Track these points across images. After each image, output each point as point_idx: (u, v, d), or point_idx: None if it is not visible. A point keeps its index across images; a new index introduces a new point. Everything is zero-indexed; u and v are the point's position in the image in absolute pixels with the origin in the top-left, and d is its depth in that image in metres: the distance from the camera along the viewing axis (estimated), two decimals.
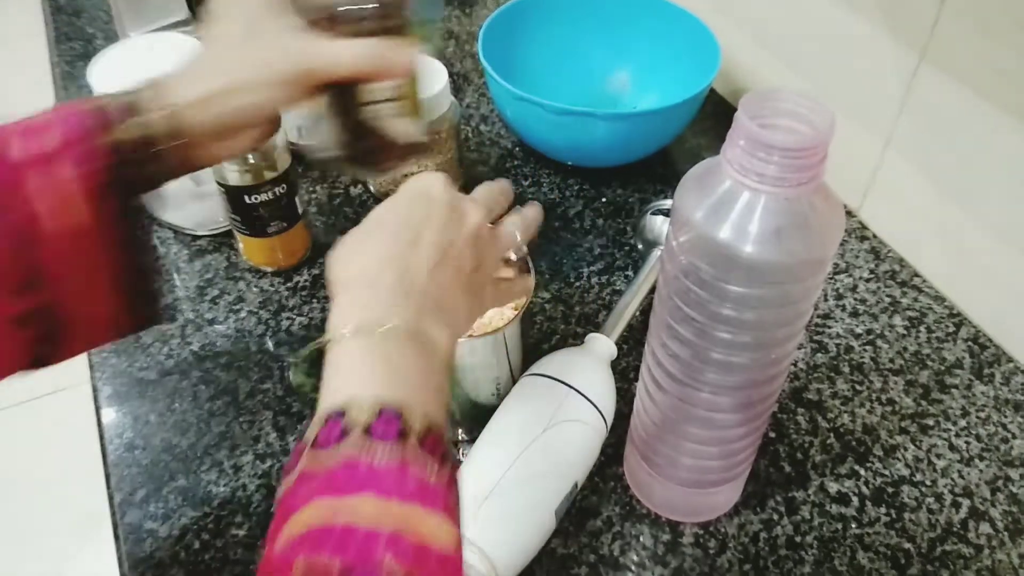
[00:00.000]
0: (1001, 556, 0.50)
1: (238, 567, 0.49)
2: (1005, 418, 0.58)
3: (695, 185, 0.38)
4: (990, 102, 0.57)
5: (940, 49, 0.60)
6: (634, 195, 0.74)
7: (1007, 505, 0.53)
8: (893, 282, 0.67)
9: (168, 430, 0.56)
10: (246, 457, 0.54)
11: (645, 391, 0.47)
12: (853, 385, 0.59)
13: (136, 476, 0.53)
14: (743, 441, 0.46)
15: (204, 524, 0.51)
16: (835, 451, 0.55)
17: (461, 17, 0.97)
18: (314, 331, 0.62)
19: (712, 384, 0.42)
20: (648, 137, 0.73)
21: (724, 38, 0.74)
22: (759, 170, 0.34)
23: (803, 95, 0.35)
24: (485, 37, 0.74)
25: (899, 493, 0.53)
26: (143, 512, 0.51)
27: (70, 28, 0.95)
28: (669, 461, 0.48)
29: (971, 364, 0.61)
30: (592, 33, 0.82)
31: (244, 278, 0.66)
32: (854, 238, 0.71)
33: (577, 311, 0.64)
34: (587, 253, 0.69)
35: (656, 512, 0.52)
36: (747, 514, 0.52)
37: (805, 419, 0.57)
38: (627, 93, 0.83)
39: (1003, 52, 0.55)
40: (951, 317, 0.64)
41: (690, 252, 0.38)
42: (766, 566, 0.49)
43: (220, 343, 0.61)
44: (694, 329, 0.40)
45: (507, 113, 0.74)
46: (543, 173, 0.77)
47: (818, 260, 0.37)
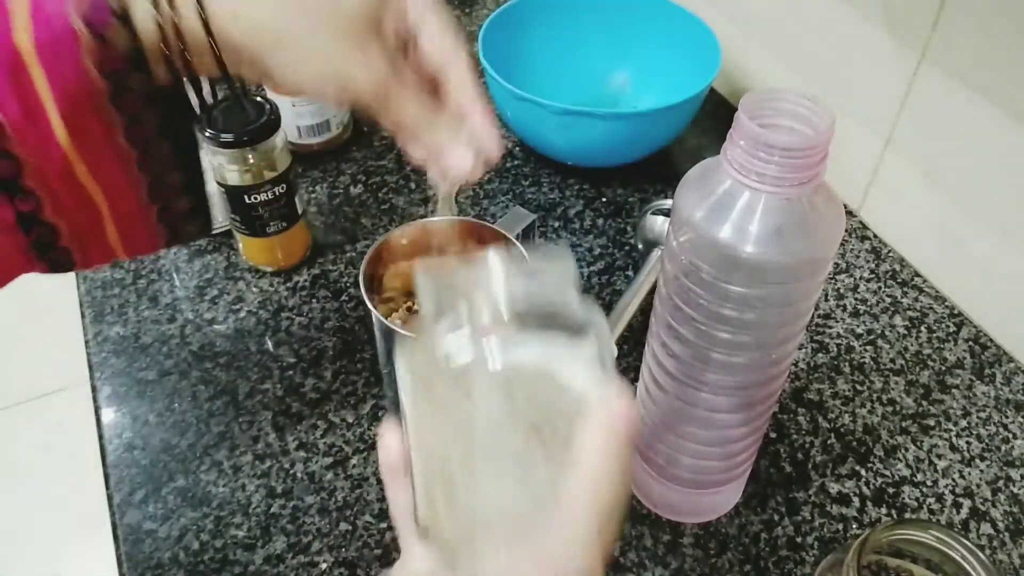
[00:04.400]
0: (1002, 556, 0.50)
1: (237, 567, 0.49)
2: (1006, 418, 0.58)
3: (695, 185, 0.38)
4: (990, 101, 0.57)
5: (940, 49, 0.60)
6: (634, 195, 0.74)
7: (1008, 505, 0.53)
8: (894, 282, 0.67)
9: (167, 430, 0.56)
10: (245, 457, 0.54)
11: (645, 391, 0.47)
12: (854, 385, 0.59)
13: (135, 476, 0.53)
14: (744, 441, 0.46)
15: (203, 524, 0.51)
16: (836, 451, 0.55)
17: (461, 17, 0.97)
18: (314, 331, 0.62)
19: (712, 384, 0.42)
20: (648, 137, 0.73)
21: (724, 38, 0.74)
22: (759, 170, 0.34)
23: (803, 95, 0.35)
24: (485, 37, 0.74)
25: (900, 493, 0.53)
26: (142, 512, 0.51)
27: None
28: (669, 461, 0.48)
29: (972, 364, 0.61)
30: (592, 33, 0.82)
31: (244, 278, 0.66)
32: (855, 238, 0.71)
33: None
34: (587, 253, 0.69)
35: (656, 512, 0.52)
36: (748, 514, 0.52)
37: (806, 419, 0.57)
38: (627, 93, 0.83)
39: (1003, 52, 0.55)
40: (952, 317, 0.64)
41: (690, 252, 0.37)
42: (767, 567, 0.49)
43: (219, 343, 0.61)
44: (694, 329, 0.40)
45: (507, 113, 0.74)
46: (543, 173, 0.77)
47: (819, 260, 0.37)
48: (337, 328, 0.62)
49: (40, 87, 0.33)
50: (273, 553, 0.49)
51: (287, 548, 0.50)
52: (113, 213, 0.37)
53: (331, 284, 0.66)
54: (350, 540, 0.50)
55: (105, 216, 0.37)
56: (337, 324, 0.62)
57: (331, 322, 0.63)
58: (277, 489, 0.52)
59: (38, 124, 0.33)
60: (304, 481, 0.53)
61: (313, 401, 0.57)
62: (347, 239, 0.69)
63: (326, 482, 0.53)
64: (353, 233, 0.70)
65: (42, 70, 0.33)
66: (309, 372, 0.59)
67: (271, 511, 0.51)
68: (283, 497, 0.52)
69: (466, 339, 0.30)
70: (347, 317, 0.63)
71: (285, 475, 0.53)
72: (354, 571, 0.49)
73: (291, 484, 0.53)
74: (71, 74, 0.33)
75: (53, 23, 0.33)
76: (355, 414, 0.56)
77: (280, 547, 0.50)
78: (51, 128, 0.33)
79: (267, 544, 0.50)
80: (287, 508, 0.51)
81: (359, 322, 0.63)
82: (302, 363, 0.60)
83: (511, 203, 0.73)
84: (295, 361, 0.60)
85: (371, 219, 0.71)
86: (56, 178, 0.35)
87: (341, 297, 0.65)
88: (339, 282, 0.66)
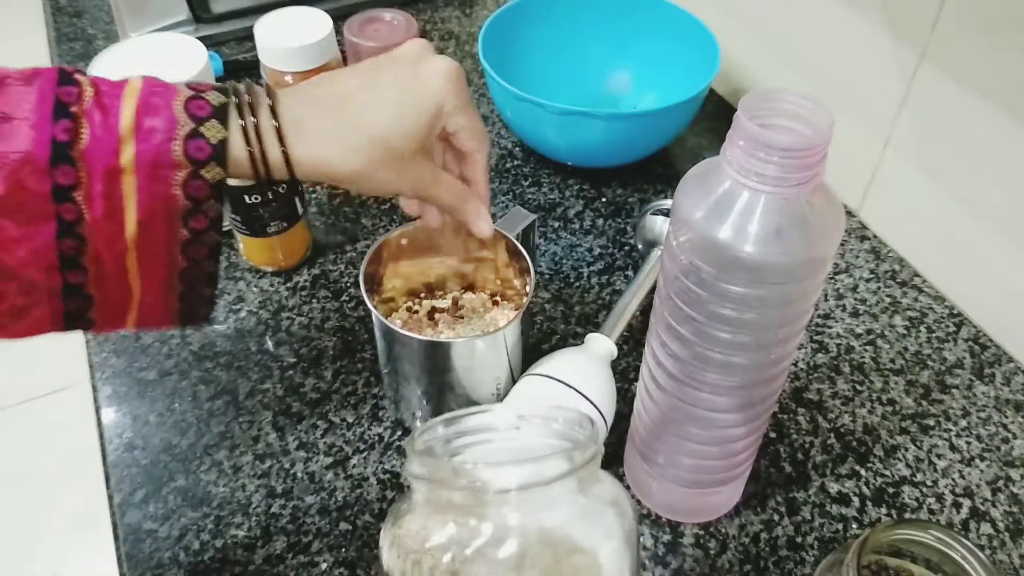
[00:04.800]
0: (1002, 556, 0.50)
1: (237, 567, 0.49)
2: (1006, 418, 0.58)
3: (695, 185, 0.38)
4: (990, 101, 0.57)
5: (940, 48, 0.60)
6: (634, 195, 0.74)
7: (1008, 505, 0.53)
8: (893, 282, 0.67)
9: (168, 430, 0.56)
10: (246, 457, 0.54)
11: (645, 391, 0.47)
12: (854, 385, 0.59)
13: (135, 476, 0.53)
14: (743, 441, 0.46)
15: (203, 524, 0.51)
16: (836, 451, 0.55)
17: (461, 17, 0.97)
18: (314, 331, 0.62)
19: (712, 384, 0.42)
20: (648, 137, 0.73)
21: (724, 38, 0.74)
22: (759, 170, 0.34)
23: (803, 95, 0.35)
24: (485, 37, 0.74)
25: (900, 493, 0.53)
26: (142, 512, 0.51)
27: (71, 28, 0.95)
28: (669, 461, 0.48)
29: (972, 364, 0.61)
30: (592, 33, 0.82)
31: (244, 278, 0.66)
32: (854, 238, 0.71)
33: (577, 311, 0.64)
34: (587, 253, 0.69)
35: (656, 512, 0.52)
36: (748, 514, 0.52)
37: (806, 419, 0.57)
38: (627, 93, 0.83)
39: (1003, 52, 0.55)
40: (951, 317, 0.64)
41: (690, 252, 0.38)
42: (767, 566, 0.49)
43: (220, 343, 0.61)
44: (694, 329, 0.40)
45: (507, 113, 0.74)
46: (543, 173, 0.77)
47: (818, 260, 0.37)
48: (337, 328, 0.62)
49: (127, 194, 0.36)
50: (273, 553, 0.49)
51: (287, 548, 0.50)
52: (142, 301, 0.40)
53: (331, 284, 0.66)
54: (350, 540, 0.50)
55: (134, 300, 0.39)
56: (337, 324, 0.62)
57: (331, 322, 0.63)
58: (277, 489, 0.52)
59: (115, 221, 0.36)
60: (304, 481, 0.53)
61: (313, 401, 0.57)
62: (347, 239, 0.69)
63: (326, 482, 0.53)
64: (353, 233, 0.70)
65: (135, 182, 0.36)
66: (309, 372, 0.59)
67: (271, 511, 0.51)
68: (283, 497, 0.52)
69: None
70: (347, 317, 0.63)
71: (285, 475, 0.53)
72: (354, 571, 0.49)
73: (291, 484, 0.53)
74: (160, 194, 0.37)
75: (156, 143, 0.36)
76: (355, 414, 0.57)
77: (280, 547, 0.50)
78: (124, 226, 0.36)
79: (267, 544, 0.50)
80: (287, 508, 0.52)
81: (359, 322, 0.63)
82: (302, 363, 0.60)
83: (511, 203, 0.73)
84: (295, 361, 0.60)
85: (371, 219, 0.71)
86: (109, 261, 0.37)
87: (341, 297, 0.65)
88: (339, 282, 0.66)
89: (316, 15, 0.74)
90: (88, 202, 0.35)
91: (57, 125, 0.34)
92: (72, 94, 0.35)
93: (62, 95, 0.35)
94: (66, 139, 0.34)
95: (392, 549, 0.34)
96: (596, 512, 0.34)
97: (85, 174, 0.35)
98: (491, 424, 0.38)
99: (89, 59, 0.64)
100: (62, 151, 0.34)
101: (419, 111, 0.42)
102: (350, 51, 0.84)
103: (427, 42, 0.45)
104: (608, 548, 0.34)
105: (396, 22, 0.85)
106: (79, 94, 0.36)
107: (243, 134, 0.38)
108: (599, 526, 0.34)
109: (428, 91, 0.42)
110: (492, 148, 0.80)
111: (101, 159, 0.35)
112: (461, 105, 0.44)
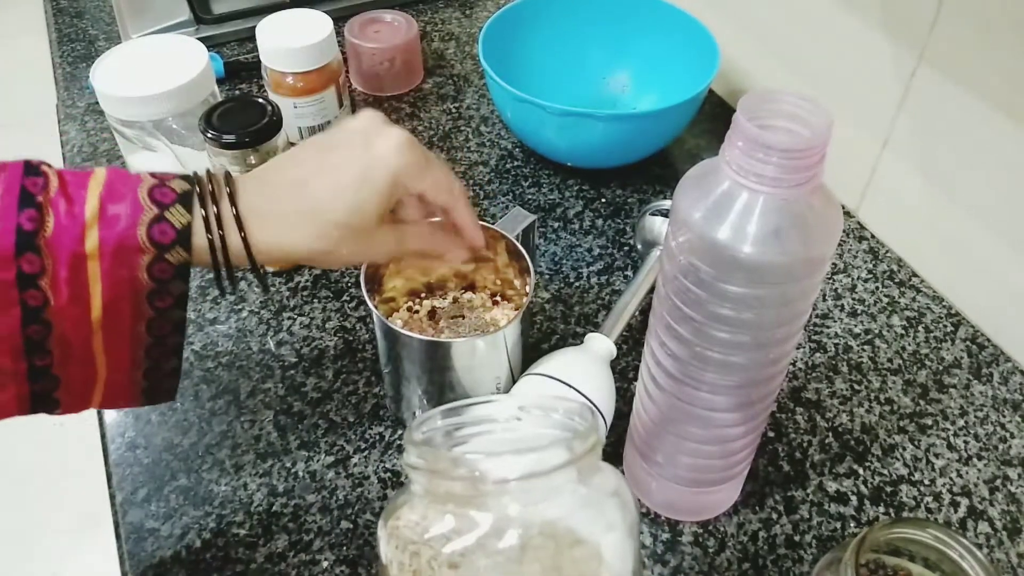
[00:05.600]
0: (999, 555, 0.50)
1: (239, 566, 0.49)
2: (1003, 418, 0.58)
3: (694, 185, 0.38)
4: (989, 102, 0.58)
5: (939, 50, 0.60)
6: (633, 195, 0.75)
7: (1005, 504, 0.53)
8: (891, 282, 0.68)
9: (169, 429, 0.56)
10: (247, 456, 0.54)
11: (644, 390, 0.47)
12: (852, 385, 0.60)
13: (137, 475, 0.53)
14: (742, 440, 0.46)
15: (205, 523, 0.51)
16: (834, 450, 0.56)
17: (461, 18, 0.97)
18: (315, 331, 0.62)
19: (711, 383, 0.42)
20: (648, 138, 0.73)
21: (723, 39, 0.74)
22: (757, 171, 0.34)
23: (801, 96, 0.35)
24: (485, 38, 0.74)
25: (897, 492, 0.53)
26: (144, 511, 0.51)
27: (72, 29, 0.95)
28: (668, 460, 0.48)
29: (969, 364, 0.61)
30: (592, 34, 0.82)
31: (245, 278, 0.66)
32: (852, 238, 0.71)
33: (577, 311, 0.64)
34: (587, 253, 0.69)
35: (655, 511, 0.52)
36: (746, 513, 0.52)
37: (804, 418, 0.57)
38: (627, 93, 0.84)
39: (1002, 52, 0.55)
40: (949, 317, 0.65)
41: (689, 252, 0.38)
42: (765, 565, 0.50)
43: (221, 343, 0.61)
44: (693, 329, 0.40)
45: (507, 114, 0.74)
46: (543, 174, 0.77)
47: (816, 260, 0.37)
48: (338, 328, 0.62)
49: (93, 279, 0.37)
50: (275, 551, 0.50)
51: (288, 546, 0.50)
52: (108, 379, 0.40)
53: (332, 284, 0.66)
54: (351, 538, 0.50)
55: (100, 380, 0.40)
56: (338, 324, 0.63)
57: (332, 322, 0.63)
58: (279, 488, 0.53)
59: (81, 306, 0.37)
60: (305, 480, 0.53)
61: (314, 400, 0.58)
62: None
63: (327, 481, 0.53)
64: None
65: (100, 267, 0.37)
66: (310, 372, 0.59)
67: (273, 510, 0.52)
68: (284, 496, 0.52)
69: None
70: (348, 317, 0.63)
71: (287, 474, 0.53)
72: (355, 569, 0.49)
73: (292, 483, 0.53)
74: (125, 277, 0.37)
75: (120, 229, 0.37)
76: (356, 413, 0.57)
77: (281, 545, 0.50)
78: (90, 310, 0.37)
79: (268, 542, 0.50)
80: (288, 507, 0.52)
81: (360, 322, 0.63)
82: (303, 363, 0.60)
83: (511, 203, 0.74)
84: (296, 361, 0.60)
85: None
86: (76, 344, 0.38)
87: (342, 297, 0.65)
88: (340, 282, 0.66)
89: (317, 16, 0.74)
90: (53, 288, 0.36)
91: (23, 214, 0.35)
92: (38, 184, 0.36)
93: (28, 185, 0.36)
94: (31, 228, 0.35)
95: (390, 541, 0.34)
96: (597, 503, 0.34)
97: (50, 261, 0.36)
98: (491, 415, 0.38)
99: (91, 60, 0.64)
100: (27, 239, 0.35)
101: (374, 190, 0.42)
102: (350, 52, 0.85)
103: (378, 113, 0.45)
104: (610, 539, 0.34)
105: (396, 23, 0.85)
106: (45, 184, 0.37)
107: (204, 223, 0.39)
108: (601, 517, 0.34)
109: (382, 166, 0.42)
110: (492, 149, 0.80)
111: (66, 246, 0.36)
112: (418, 173, 0.43)
